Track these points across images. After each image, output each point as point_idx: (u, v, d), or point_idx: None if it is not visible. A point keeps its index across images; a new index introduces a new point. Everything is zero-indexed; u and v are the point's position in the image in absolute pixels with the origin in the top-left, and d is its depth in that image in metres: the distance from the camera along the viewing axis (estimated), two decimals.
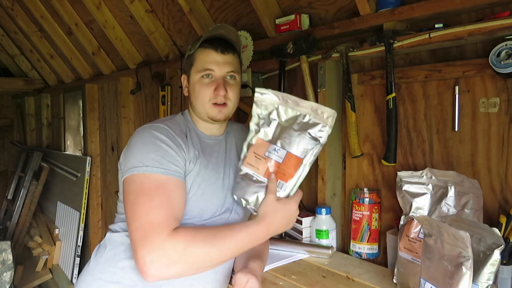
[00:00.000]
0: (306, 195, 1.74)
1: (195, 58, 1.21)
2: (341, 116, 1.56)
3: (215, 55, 1.19)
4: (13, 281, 2.58)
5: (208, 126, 1.25)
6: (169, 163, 1.07)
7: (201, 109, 1.21)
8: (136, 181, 1.05)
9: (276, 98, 1.12)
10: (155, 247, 0.94)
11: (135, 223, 0.99)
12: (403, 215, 1.19)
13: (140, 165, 1.05)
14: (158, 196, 1.02)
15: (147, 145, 1.08)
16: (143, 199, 1.01)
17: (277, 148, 1.08)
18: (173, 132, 1.13)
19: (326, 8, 1.57)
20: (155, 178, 1.04)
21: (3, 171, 5.68)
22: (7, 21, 4.20)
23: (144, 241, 0.95)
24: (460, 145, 1.25)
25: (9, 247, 2.57)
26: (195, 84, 1.21)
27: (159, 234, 0.96)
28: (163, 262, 0.94)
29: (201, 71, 1.19)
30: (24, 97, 5.10)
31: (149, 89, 2.80)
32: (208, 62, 1.19)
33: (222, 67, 1.19)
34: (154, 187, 1.03)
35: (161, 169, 1.05)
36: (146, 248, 0.94)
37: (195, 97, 1.22)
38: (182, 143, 1.13)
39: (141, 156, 1.07)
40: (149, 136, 1.10)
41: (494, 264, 0.85)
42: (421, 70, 1.29)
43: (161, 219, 0.98)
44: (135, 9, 2.36)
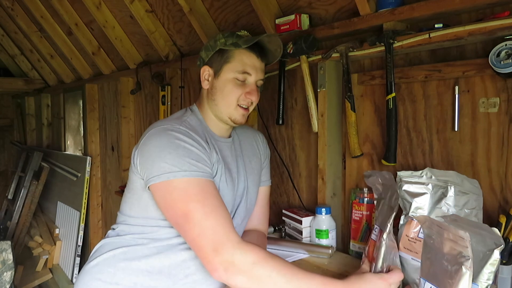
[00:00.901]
0: (306, 195, 1.74)
1: (233, 56, 1.17)
2: (341, 116, 1.56)
3: (255, 60, 1.19)
4: (13, 281, 2.58)
5: (219, 127, 1.22)
6: (204, 166, 1.05)
7: (224, 108, 1.18)
8: (178, 187, 1.02)
9: (379, 177, 1.15)
10: (225, 254, 0.95)
11: (195, 230, 0.98)
12: (403, 215, 1.19)
13: (177, 170, 1.02)
14: (208, 201, 1.01)
15: (177, 149, 1.04)
16: (195, 205, 1.00)
17: (376, 227, 1.09)
18: (195, 135, 1.10)
19: (326, 8, 1.57)
20: (197, 182, 1.02)
21: (3, 171, 5.68)
22: (7, 21, 4.20)
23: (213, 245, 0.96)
24: (460, 145, 1.25)
25: (9, 247, 2.56)
26: (227, 82, 1.17)
27: (228, 243, 0.96)
28: (231, 270, 0.95)
29: (239, 72, 1.17)
30: (24, 97, 5.10)
31: (149, 89, 2.80)
32: (248, 65, 1.17)
33: (258, 73, 1.19)
34: (200, 192, 1.01)
35: (199, 173, 1.03)
36: (215, 252, 0.95)
37: (222, 95, 1.18)
38: (206, 147, 1.11)
39: (174, 160, 1.03)
40: (174, 139, 1.06)
41: (494, 264, 0.85)
42: (421, 70, 1.29)
43: (222, 224, 0.98)
44: (135, 9, 2.36)
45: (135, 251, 1.12)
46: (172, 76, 2.47)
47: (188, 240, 1.01)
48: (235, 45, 1.16)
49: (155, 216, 1.11)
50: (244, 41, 1.17)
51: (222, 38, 1.18)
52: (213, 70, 1.20)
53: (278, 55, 1.27)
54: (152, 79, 2.57)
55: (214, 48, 1.19)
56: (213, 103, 1.19)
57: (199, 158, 1.05)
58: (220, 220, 0.99)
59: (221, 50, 1.18)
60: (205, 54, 1.21)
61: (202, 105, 1.23)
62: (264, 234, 1.36)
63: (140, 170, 1.09)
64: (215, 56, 1.19)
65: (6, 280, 2.53)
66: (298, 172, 1.77)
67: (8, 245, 2.56)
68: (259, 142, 1.38)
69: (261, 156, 1.36)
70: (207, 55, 1.21)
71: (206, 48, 1.22)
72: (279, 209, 1.81)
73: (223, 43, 1.17)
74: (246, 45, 1.16)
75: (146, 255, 1.12)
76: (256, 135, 1.39)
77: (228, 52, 1.18)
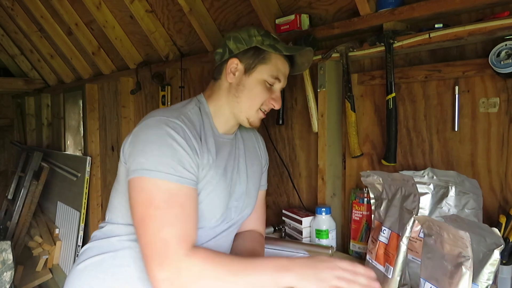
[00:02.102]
0: (306, 195, 1.74)
1: (270, 58, 1.12)
2: (341, 116, 1.56)
3: (287, 69, 1.18)
4: (13, 281, 2.58)
5: (227, 123, 1.16)
6: (184, 170, 0.98)
7: (246, 109, 1.13)
8: (146, 188, 0.97)
9: (379, 177, 1.14)
10: (169, 266, 0.91)
11: (146, 237, 0.94)
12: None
13: (153, 169, 0.96)
14: (171, 210, 0.95)
15: (160, 145, 0.98)
16: (154, 212, 0.94)
17: (384, 229, 1.08)
18: (189, 133, 1.03)
19: (326, 8, 1.57)
20: (167, 187, 0.96)
21: (3, 171, 5.68)
22: (7, 21, 4.20)
23: (158, 259, 0.91)
24: (460, 145, 1.25)
25: (9, 247, 2.56)
26: (259, 83, 1.12)
27: (174, 254, 0.91)
28: (176, 283, 0.90)
29: (272, 76, 1.13)
30: (24, 97, 5.10)
31: (149, 89, 2.80)
32: (281, 72, 1.15)
33: (285, 82, 1.18)
34: (166, 199, 0.96)
35: (174, 177, 0.96)
36: (160, 266, 0.91)
37: (249, 94, 1.12)
38: (197, 147, 1.04)
39: (153, 157, 0.97)
40: (165, 135, 0.99)
41: (494, 264, 0.85)
42: (421, 70, 1.29)
43: (175, 237, 0.93)
44: (135, 9, 2.36)
45: (123, 256, 1.08)
46: (172, 76, 2.47)
47: (140, 245, 0.96)
48: (273, 48, 1.11)
49: None
50: (284, 47, 1.13)
51: (259, 36, 1.12)
52: (243, 65, 1.12)
53: (304, 69, 1.26)
54: (152, 79, 2.57)
55: (248, 43, 1.12)
56: (234, 100, 1.13)
57: (183, 161, 0.99)
58: (176, 232, 0.94)
59: (256, 48, 1.12)
60: (235, 46, 1.13)
61: (214, 98, 1.16)
62: (262, 234, 1.34)
63: (126, 161, 1.04)
64: (249, 53, 1.12)
65: (6, 280, 2.53)
66: (298, 172, 1.77)
67: (8, 245, 2.57)
68: (261, 146, 1.34)
69: (263, 160, 1.34)
70: (237, 47, 1.12)
71: (236, 40, 1.13)
72: (279, 209, 1.81)
73: (260, 41, 1.11)
74: (287, 53, 1.13)
75: (135, 259, 1.06)
76: (258, 138, 1.36)
77: (265, 53, 1.12)
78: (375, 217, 1.16)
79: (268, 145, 1.88)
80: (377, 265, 1.07)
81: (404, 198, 1.06)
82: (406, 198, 1.05)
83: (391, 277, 1.01)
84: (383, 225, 1.09)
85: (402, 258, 1.00)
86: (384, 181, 1.15)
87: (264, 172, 1.35)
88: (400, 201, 1.07)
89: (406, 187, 1.06)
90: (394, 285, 1.00)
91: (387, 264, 1.03)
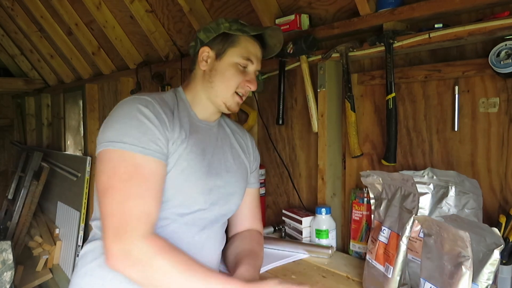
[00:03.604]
0: (306, 195, 1.74)
1: (238, 41, 1.15)
2: (341, 116, 1.56)
3: (258, 50, 1.19)
4: (13, 281, 2.58)
5: (206, 110, 1.18)
6: (150, 142, 0.99)
7: (221, 93, 1.15)
8: (110, 159, 0.97)
9: (379, 177, 1.14)
10: (124, 242, 0.92)
11: (107, 208, 0.95)
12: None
13: (117, 140, 0.97)
14: (134, 183, 0.95)
15: (128, 119, 1.00)
16: (118, 184, 0.95)
17: (384, 228, 1.08)
18: (160, 108, 1.04)
19: (326, 8, 1.57)
20: (132, 159, 0.96)
21: (3, 171, 5.68)
22: (7, 21, 4.20)
23: (116, 232, 0.93)
24: (460, 145, 1.25)
25: (9, 247, 2.57)
26: (230, 66, 1.15)
27: (131, 231, 0.92)
28: (127, 261, 0.92)
29: (243, 58, 1.15)
30: (24, 97, 5.10)
31: (149, 89, 2.80)
32: (252, 53, 1.17)
33: (258, 63, 1.20)
34: (130, 171, 0.96)
35: (139, 148, 0.97)
36: (115, 238, 0.92)
37: (222, 78, 1.14)
38: (167, 120, 1.04)
39: (119, 130, 0.98)
40: (132, 110, 1.01)
41: (494, 264, 0.85)
42: (421, 70, 1.29)
43: (135, 213, 0.94)
44: (135, 9, 2.36)
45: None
46: (172, 76, 2.47)
47: (101, 215, 0.97)
48: (241, 31, 1.15)
49: None
50: (251, 29, 1.16)
51: (226, 22, 1.15)
52: (214, 52, 1.16)
53: (277, 51, 1.27)
54: (152, 79, 2.57)
55: (216, 30, 1.15)
56: (209, 86, 1.15)
57: (149, 133, 0.99)
58: (138, 208, 0.94)
59: (225, 33, 1.15)
60: (205, 35, 1.17)
61: (191, 87, 1.19)
62: (260, 232, 1.34)
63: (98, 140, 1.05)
64: (218, 39, 1.16)
65: (6, 280, 2.53)
66: (298, 172, 1.77)
67: (8, 245, 2.57)
68: (249, 145, 1.34)
69: (252, 158, 1.33)
70: (207, 36, 1.16)
71: (206, 30, 1.17)
72: (279, 209, 1.81)
73: (227, 27, 1.15)
74: (254, 33, 1.16)
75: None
76: (249, 137, 1.36)
77: (233, 36, 1.15)
78: (374, 217, 1.16)
79: (268, 145, 1.88)
80: (377, 265, 1.07)
81: (403, 198, 1.06)
82: (405, 197, 1.05)
83: (391, 277, 1.01)
84: (383, 225, 1.09)
85: (402, 257, 1.00)
86: (384, 181, 1.15)
87: (254, 171, 1.35)
88: (400, 200, 1.07)
89: (406, 187, 1.06)
90: (394, 284, 1.01)
91: (387, 264, 1.03)
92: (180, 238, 1.08)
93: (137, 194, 0.96)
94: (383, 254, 1.05)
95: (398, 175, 1.09)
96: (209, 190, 1.13)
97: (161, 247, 0.94)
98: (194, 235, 1.11)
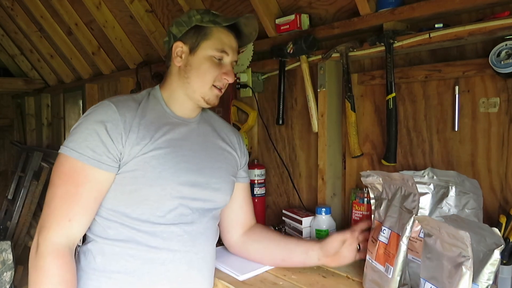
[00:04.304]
0: (306, 195, 1.74)
1: (211, 33, 1.12)
2: (341, 116, 1.56)
3: (233, 41, 1.17)
4: (13, 281, 2.58)
5: (183, 106, 1.17)
6: (95, 154, 1.02)
7: (198, 87, 1.13)
8: (58, 160, 1.05)
9: (379, 177, 1.14)
10: (36, 241, 1.01)
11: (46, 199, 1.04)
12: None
13: (65, 145, 1.04)
14: (66, 186, 1.02)
15: (82, 126, 1.05)
16: (56, 181, 1.03)
17: (384, 228, 1.07)
18: (118, 111, 1.06)
19: (326, 8, 1.57)
20: (71, 164, 1.03)
21: (3, 171, 5.67)
22: (7, 21, 4.20)
23: (38, 230, 1.02)
24: (460, 145, 1.25)
25: (9, 247, 2.56)
26: (205, 59, 1.12)
27: (43, 235, 1.00)
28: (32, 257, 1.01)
29: (218, 50, 1.12)
30: (24, 97, 5.10)
31: None
32: (226, 45, 1.14)
33: (234, 54, 1.17)
34: (66, 174, 1.03)
35: (76, 153, 1.02)
36: (36, 236, 1.02)
37: (198, 73, 1.12)
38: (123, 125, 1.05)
39: (73, 136, 1.05)
40: (90, 116, 1.06)
41: (494, 264, 0.85)
42: (421, 70, 1.29)
43: (55, 216, 1.01)
44: (135, 9, 2.36)
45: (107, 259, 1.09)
46: None
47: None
48: (213, 22, 1.12)
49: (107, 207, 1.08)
50: (224, 19, 1.14)
51: (198, 14, 1.13)
52: (187, 46, 1.13)
53: (253, 39, 1.24)
54: (152, 79, 2.56)
55: (188, 24, 1.13)
56: (185, 81, 1.14)
57: (98, 144, 1.02)
58: (58, 212, 1.01)
59: (197, 26, 1.12)
60: (177, 29, 1.14)
61: (167, 84, 1.18)
62: (261, 224, 1.41)
63: None
64: (190, 33, 1.13)
65: (6, 280, 2.53)
66: (298, 172, 1.77)
67: (8, 245, 2.56)
68: (238, 140, 1.33)
69: (239, 153, 1.32)
70: (179, 30, 1.14)
71: (178, 24, 1.15)
72: (279, 209, 1.81)
73: (199, 20, 1.12)
74: (226, 23, 1.13)
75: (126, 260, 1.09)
76: (235, 133, 1.34)
77: (206, 29, 1.12)
78: (375, 217, 1.16)
79: (268, 145, 1.88)
80: (377, 265, 1.07)
81: (404, 198, 1.06)
82: (406, 197, 1.05)
83: (391, 277, 1.01)
84: (383, 225, 1.08)
85: (402, 257, 1.00)
86: (384, 181, 1.14)
87: (244, 166, 1.34)
88: (400, 200, 1.07)
89: (406, 187, 1.06)
90: (394, 285, 1.00)
91: (387, 264, 1.03)
92: (169, 238, 1.09)
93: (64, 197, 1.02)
94: (383, 254, 1.05)
95: (398, 175, 1.09)
96: (190, 185, 1.12)
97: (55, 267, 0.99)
98: (183, 233, 1.12)
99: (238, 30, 1.20)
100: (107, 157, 1.03)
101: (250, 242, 1.32)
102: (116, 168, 1.05)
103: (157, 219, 1.08)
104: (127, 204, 1.07)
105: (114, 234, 1.08)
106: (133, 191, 1.06)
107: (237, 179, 1.31)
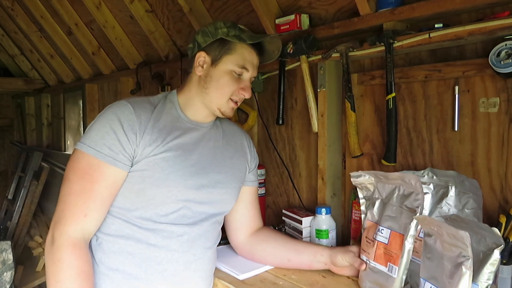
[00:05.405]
0: (306, 195, 1.74)
1: (235, 49, 1.15)
2: (341, 116, 1.56)
3: (255, 58, 1.19)
4: (13, 281, 2.58)
5: (198, 112, 1.19)
6: (111, 151, 1.04)
7: (216, 99, 1.16)
8: (73, 157, 1.07)
9: (371, 177, 1.14)
10: (52, 236, 1.03)
11: (60, 194, 1.06)
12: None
13: (82, 142, 1.07)
14: (83, 182, 1.04)
15: (104, 126, 1.07)
16: (72, 177, 1.06)
17: (382, 228, 1.07)
18: (135, 112, 1.08)
19: (326, 8, 1.57)
20: (87, 160, 1.05)
21: (3, 171, 5.67)
22: (7, 21, 4.20)
23: (54, 222, 1.04)
24: (460, 145, 1.25)
25: (9, 247, 2.56)
26: (225, 73, 1.15)
27: (60, 229, 1.02)
28: (47, 251, 1.03)
29: (239, 66, 1.15)
30: (24, 97, 5.10)
31: (149, 89, 2.80)
32: (248, 62, 1.17)
33: (254, 71, 1.20)
34: (84, 169, 1.04)
35: (93, 150, 1.04)
36: (51, 227, 1.04)
37: (217, 85, 1.15)
38: (138, 126, 1.07)
39: (91, 133, 1.07)
40: (107, 114, 1.08)
41: (494, 264, 0.85)
42: (421, 70, 1.29)
43: (71, 211, 1.03)
44: (135, 9, 2.36)
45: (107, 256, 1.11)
46: (172, 76, 2.47)
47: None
48: (238, 38, 1.14)
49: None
50: (249, 36, 1.16)
51: (224, 27, 1.15)
52: (210, 57, 1.16)
53: (275, 57, 1.28)
54: (152, 79, 2.56)
55: (214, 35, 1.16)
56: (204, 91, 1.17)
57: (114, 142, 1.05)
58: (74, 206, 1.03)
59: (222, 39, 1.15)
60: (203, 39, 1.17)
61: (185, 89, 1.20)
62: (268, 227, 1.42)
63: None
64: (214, 44, 1.16)
65: (6, 280, 2.53)
66: (298, 172, 1.77)
67: (8, 245, 2.56)
68: (248, 144, 1.35)
69: (249, 157, 1.34)
70: (205, 40, 1.17)
71: (204, 33, 1.17)
72: (279, 209, 1.81)
73: (225, 33, 1.15)
74: (251, 42, 1.16)
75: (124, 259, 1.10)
76: (245, 137, 1.36)
77: (230, 43, 1.15)
78: (367, 217, 1.15)
79: (268, 145, 1.88)
80: (377, 265, 1.07)
81: (404, 197, 1.06)
82: (406, 197, 1.05)
83: (396, 276, 1.01)
84: (380, 224, 1.08)
85: (407, 257, 1.01)
86: (378, 181, 1.14)
87: (253, 170, 1.35)
88: (400, 200, 1.07)
89: (406, 186, 1.06)
90: (400, 284, 1.01)
91: (390, 264, 1.03)
92: (169, 237, 1.11)
93: (80, 193, 1.04)
94: (384, 254, 1.05)
95: (397, 175, 1.09)
96: (195, 188, 1.14)
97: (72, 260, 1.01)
98: (183, 233, 1.13)
99: (261, 46, 1.23)
100: (123, 155, 1.06)
101: (257, 242, 1.33)
102: (129, 166, 1.08)
103: (159, 218, 1.10)
104: (132, 202, 1.09)
105: (116, 230, 1.10)
106: (140, 190, 1.08)
107: (245, 182, 1.32)
